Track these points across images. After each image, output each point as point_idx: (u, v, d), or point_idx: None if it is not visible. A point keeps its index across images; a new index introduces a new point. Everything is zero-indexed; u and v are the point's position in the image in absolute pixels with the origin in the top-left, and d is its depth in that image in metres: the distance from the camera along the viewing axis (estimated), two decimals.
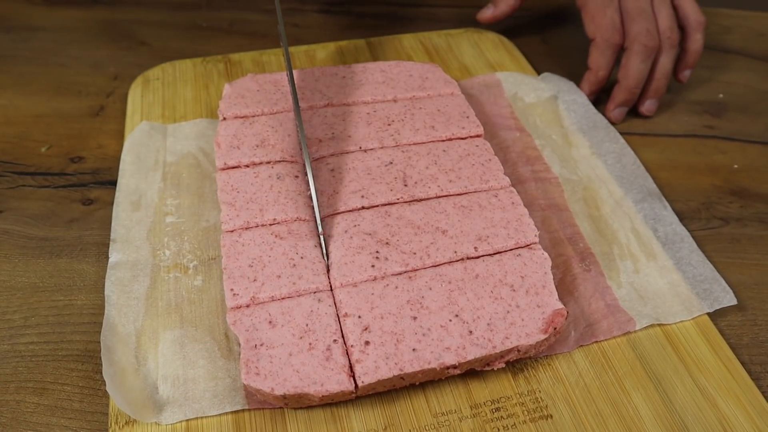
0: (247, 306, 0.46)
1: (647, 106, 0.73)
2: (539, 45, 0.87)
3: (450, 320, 0.46)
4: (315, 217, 0.52)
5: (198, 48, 0.82)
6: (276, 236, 0.50)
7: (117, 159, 0.63)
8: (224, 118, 0.62)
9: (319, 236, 0.51)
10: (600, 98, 0.74)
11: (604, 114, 0.71)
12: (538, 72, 0.77)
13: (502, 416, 0.45)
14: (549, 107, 0.72)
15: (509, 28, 0.86)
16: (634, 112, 0.74)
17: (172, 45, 0.83)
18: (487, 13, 0.83)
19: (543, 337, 0.45)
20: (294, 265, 0.48)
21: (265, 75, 0.67)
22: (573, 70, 0.76)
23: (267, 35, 0.86)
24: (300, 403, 0.43)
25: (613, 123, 0.71)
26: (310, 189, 0.53)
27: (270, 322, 0.45)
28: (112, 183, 0.62)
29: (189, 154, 0.63)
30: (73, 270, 0.55)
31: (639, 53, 0.69)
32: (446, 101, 0.65)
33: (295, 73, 0.67)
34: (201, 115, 0.68)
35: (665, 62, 0.70)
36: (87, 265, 0.55)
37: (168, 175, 0.60)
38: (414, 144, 0.60)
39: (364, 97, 0.64)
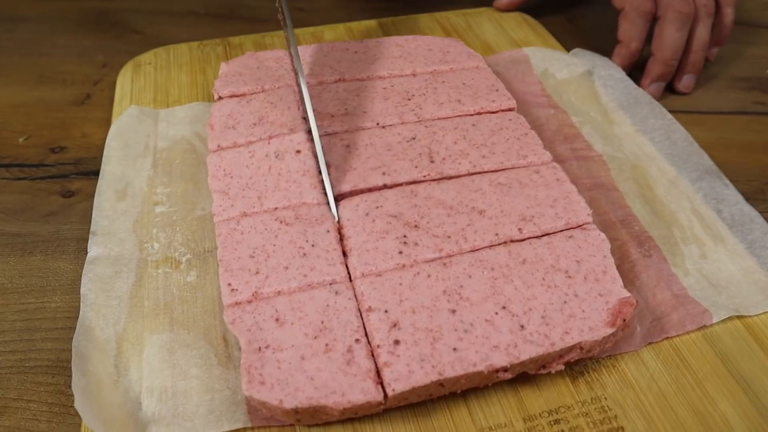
0: (249, 302, 0.38)
1: (685, 81, 0.66)
2: (564, 24, 0.80)
3: (496, 313, 0.38)
4: (326, 195, 0.44)
5: (195, 35, 0.74)
6: (281, 222, 0.43)
7: (102, 148, 0.56)
8: (220, 98, 0.54)
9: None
10: (633, 76, 0.67)
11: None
12: (567, 51, 0.70)
13: (562, 430, 0.37)
14: (584, 83, 0.64)
15: (531, 7, 0.79)
16: (670, 89, 0.67)
17: (167, 32, 0.76)
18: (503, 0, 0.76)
19: (610, 331, 0.37)
20: (304, 254, 0.41)
21: (265, 52, 0.60)
22: (602, 49, 0.68)
23: (269, 20, 0.79)
24: (315, 418, 0.35)
25: None
26: (315, 165, 0.46)
27: (277, 319, 0.37)
28: (97, 173, 0.54)
29: (183, 139, 0.55)
30: (48, 268, 0.47)
31: (674, 21, 0.61)
32: (471, 75, 0.58)
33: (302, 48, 0.60)
34: (197, 99, 0.61)
35: (702, 32, 0.63)
36: (64, 262, 0.48)
37: (159, 162, 0.53)
38: (438, 119, 0.52)
39: (380, 72, 0.57)
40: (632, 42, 0.65)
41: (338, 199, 0.45)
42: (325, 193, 0.45)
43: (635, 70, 0.67)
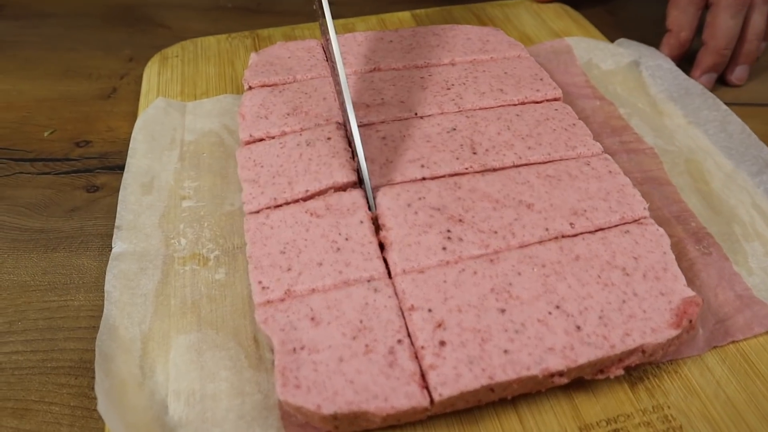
0: (282, 300, 0.36)
1: (738, 73, 0.62)
2: (605, 16, 0.76)
3: (549, 313, 0.35)
4: (359, 175, 0.42)
5: (222, 29, 0.72)
6: (312, 215, 0.40)
7: (128, 142, 0.54)
8: (250, 87, 0.52)
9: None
10: (682, 68, 0.63)
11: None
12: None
13: None
14: (630, 74, 0.61)
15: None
16: (721, 81, 0.63)
17: (194, 26, 0.74)
18: None
19: (674, 332, 0.34)
20: (338, 249, 0.38)
21: (296, 42, 0.58)
22: (646, 41, 0.64)
23: (299, 13, 0.77)
24: (354, 425, 0.32)
25: None
26: (346, 148, 0.44)
27: (312, 318, 0.35)
28: (122, 168, 0.52)
29: (211, 131, 0.53)
30: (71, 265, 0.45)
31: (728, 7, 0.58)
32: (513, 64, 0.55)
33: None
34: (225, 91, 0.59)
35: (758, 20, 0.59)
36: (88, 259, 0.45)
37: (186, 155, 0.51)
38: (480, 109, 0.49)
39: (417, 61, 0.54)
40: (682, 31, 0.61)
41: (375, 190, 0.42)
42: (357, 173, 0.42)
43: (684, 62, 0.63)
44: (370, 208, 0.40)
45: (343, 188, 0.42)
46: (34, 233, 0.48)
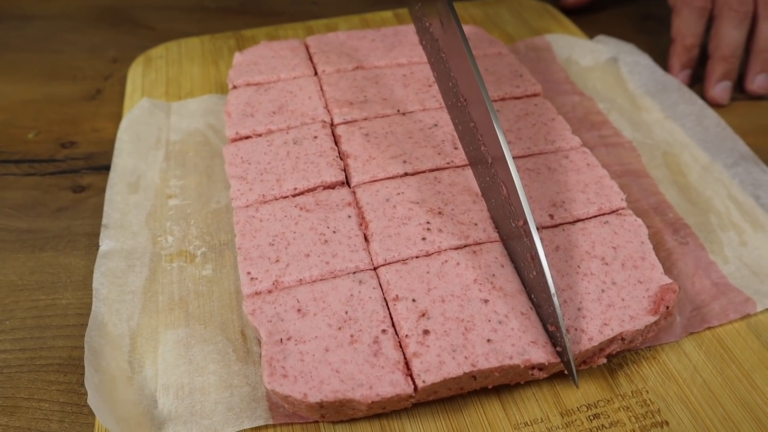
0: (269, 292, 0.36)
1: (759, 82, 0.60)
2: (585, 13, 0.77)
3: (531, 308, 0.35)
4: (343, 173, 0.43)
5: (206, 29, 0.73)
6: (301, 209, 0.41)
7: (113, 142, 0.55)
8: (234, 87, 0.53)
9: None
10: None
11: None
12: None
13: (603, 425, 0.34)
14: (609, 70, 0.62)
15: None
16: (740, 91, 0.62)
17: (179, 27, 0.75)
18: None
19: (652, 319, 0.35)
20: (325, 241, 0.39)
21: (280, 42, 0.58)
22: (625, 38, 0.65)
23: (283, 13, 0.77)
24: (341, 413, 0.33)
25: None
26: (333, 147, 0.45)
27: (299, 310, 0.35)
28: (108, 168, 0.53)
29: (196, 131, 0.54)
30: (59, 264, 0.45)
31: (731, 19, 0.58)
32: (494, 60, 0.56)
33: (315, 38, 0.59)
34: (210, 91, 0.59)
35: (767, 29, 0.59)
36: (75, 258, 0.46)
37: (172, 155, 0.51)
38: None
39: (399, 59, 0.55)
40: (686, 38, 0.61)
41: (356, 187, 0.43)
42: (343, 172, 0.44)
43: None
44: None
45: (331, 187, 0.43)
46: (21, 233, 0.48)
